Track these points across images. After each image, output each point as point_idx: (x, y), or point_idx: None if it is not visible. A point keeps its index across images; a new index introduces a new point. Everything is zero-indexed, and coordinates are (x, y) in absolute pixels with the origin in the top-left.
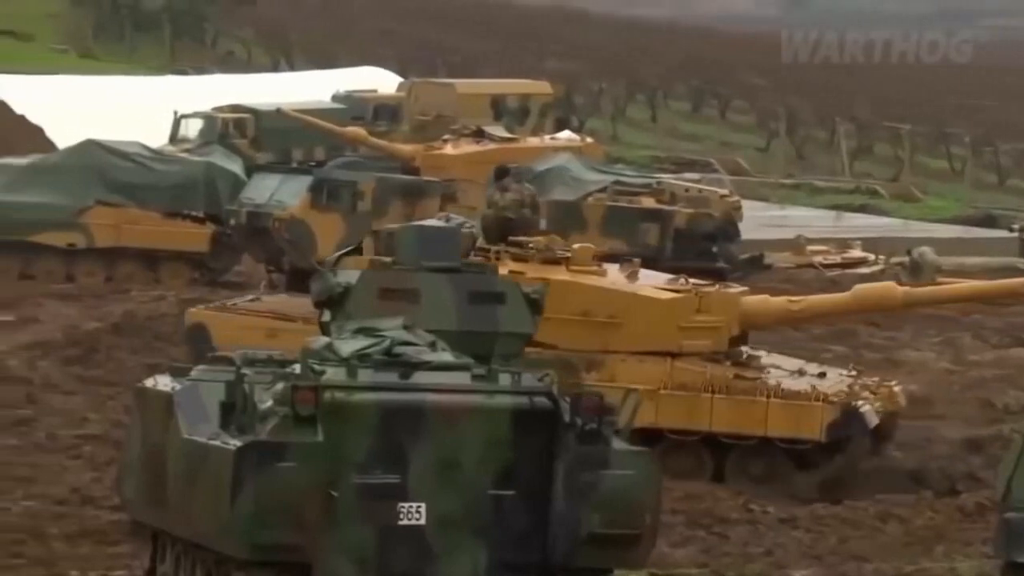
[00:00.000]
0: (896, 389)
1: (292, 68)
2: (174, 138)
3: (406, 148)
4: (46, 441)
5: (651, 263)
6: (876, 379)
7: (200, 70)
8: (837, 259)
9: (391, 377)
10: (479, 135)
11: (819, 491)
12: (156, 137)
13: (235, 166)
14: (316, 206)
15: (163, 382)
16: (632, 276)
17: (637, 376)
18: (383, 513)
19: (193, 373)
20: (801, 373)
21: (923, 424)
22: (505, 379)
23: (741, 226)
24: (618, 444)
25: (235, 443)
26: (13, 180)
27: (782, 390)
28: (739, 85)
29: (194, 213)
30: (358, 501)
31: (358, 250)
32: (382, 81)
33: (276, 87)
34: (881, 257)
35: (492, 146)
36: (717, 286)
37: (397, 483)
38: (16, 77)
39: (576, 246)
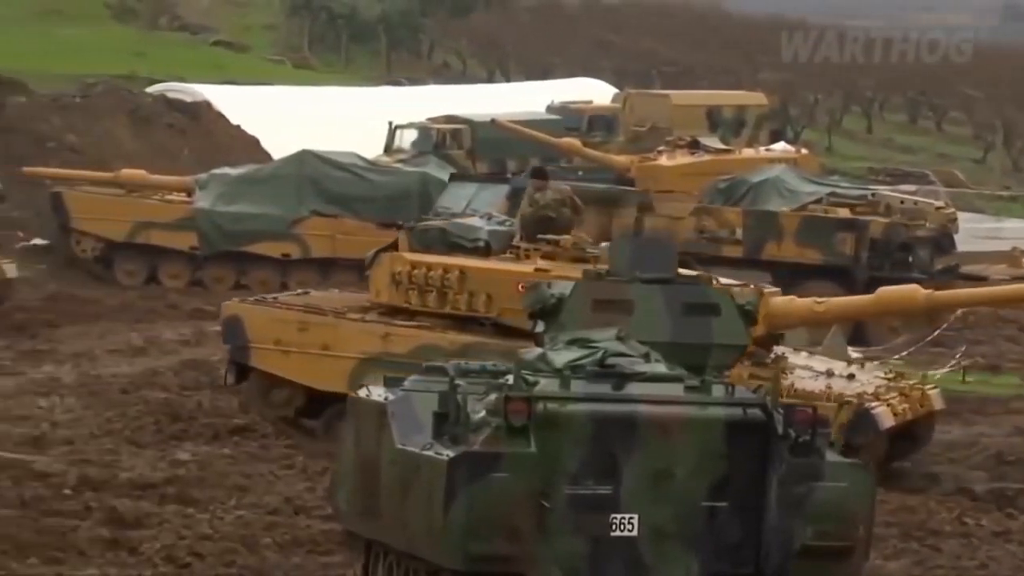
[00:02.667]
0: (931, 392)
1: (507, 79)
2: (389, 149)
3: (621, 159)
4: (259, 451)
5: (847, 273)
6: (912, 381)
7: (415, 81)
8: None
9: (604, 388)
10: (694, 146)
11: None
12: (371, 148)
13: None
14: (513, 214)
15: (376, 392)
16: None
17: None
18: (595, 524)
19: (406, 383)
20: (829, 374)
21: None
22: (718, 391)
23: (957, 238)
24: (832, 456)
25: (448, 453)
26: (229, 190)
27: (795, 390)
28: (955, 96)
29: (409, 224)
30: (570, 512)
31: (393, 246)
32: (597, 92)
33: (491, 98)
34: None
35: (707, 157)
36: (741, 286)
37: (609, 494)
38: (232, 88)
39: (603, 244)
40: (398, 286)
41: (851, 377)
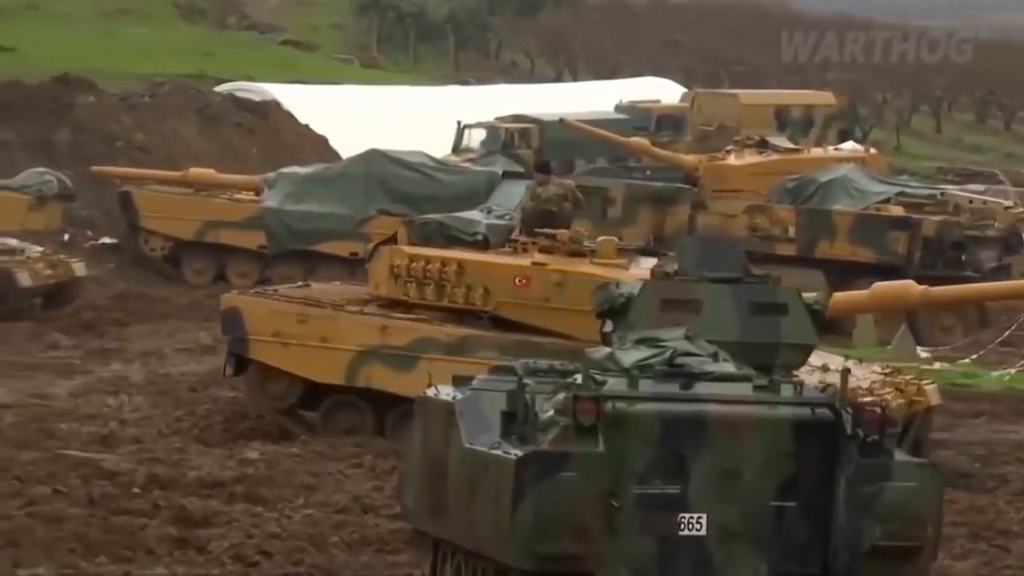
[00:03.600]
0: (928, 387)
1: (575, 78)
2: (457, 148)
3: (689, 158)
4: (327, 449)
5: (900, 271)
6: (908, 377)
7: (483, 80)
8: None
9: (672, 388)
10: (762, 146)
11: None
12: (439, 147)
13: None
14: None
15: (445, 391)
16: None
17: None
18: (664, 524)
19: (474, 382)
20: (824, 369)
21: None
22: (787, 390)
23: None
24: (900, 456)
25: (516, 453)
26: (297, 189)
27: None
28: None
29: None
30: (639, 512)
31: (393, 239)
32: (666, 91)
33: (559, 97)
34: None
35: (775, 157)
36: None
37: (678, 494)
38: (301, 87)
39: (600, 239)
40: (397, 279)
41: (847, 372)
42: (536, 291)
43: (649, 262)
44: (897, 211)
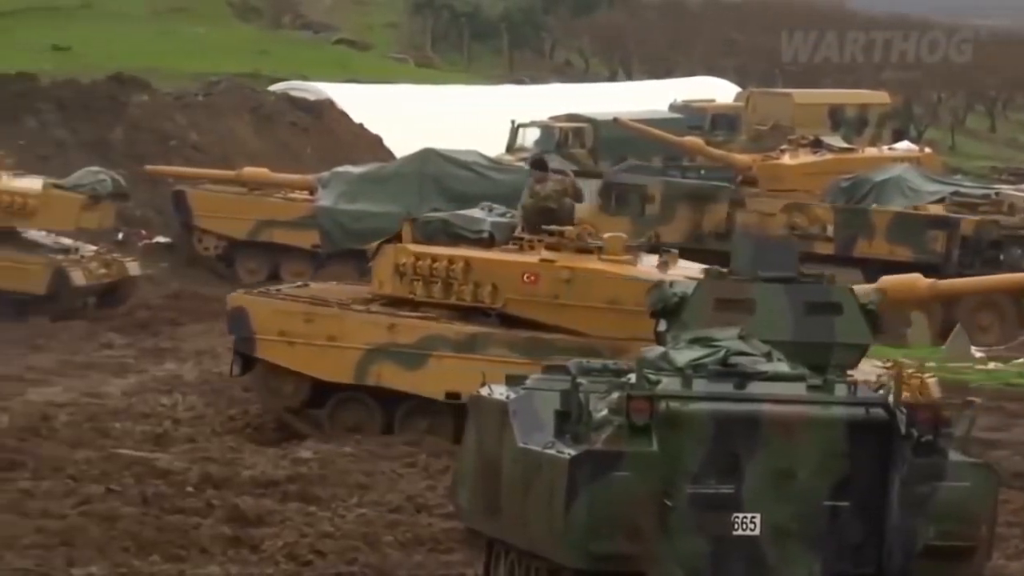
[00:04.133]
0: (929, 380)
1: (629, 77)
2: (511, 147)
3: (743, 158)
4: (381, 449)
5: (937, 270)
6: (910, 371)
7: (537, 79)
8: None
9: (726, 387)
10: (816, 145)
11: None
12: (493, 146)
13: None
14: (605, 209)
15: (498, 391)
16: (664, 266)
17: None
18: (717, 523)
19: (528, 382)
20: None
21: None
22: (841, 390)
23: None
24: (955, 455)
25: (569, 452)
26: (351, 188)
27: None
28: None
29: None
30: (692, 511)
31: (397, 237)
32: (720, 91)
33: (613, 97)
34: None
35: (830, 156)
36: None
37: (732, 493)
38: (355, 86)
39: (607, 235)
40: (402, 277)
41: None
42: (545, 288)
43: (653, 259)
44: (935, 210)
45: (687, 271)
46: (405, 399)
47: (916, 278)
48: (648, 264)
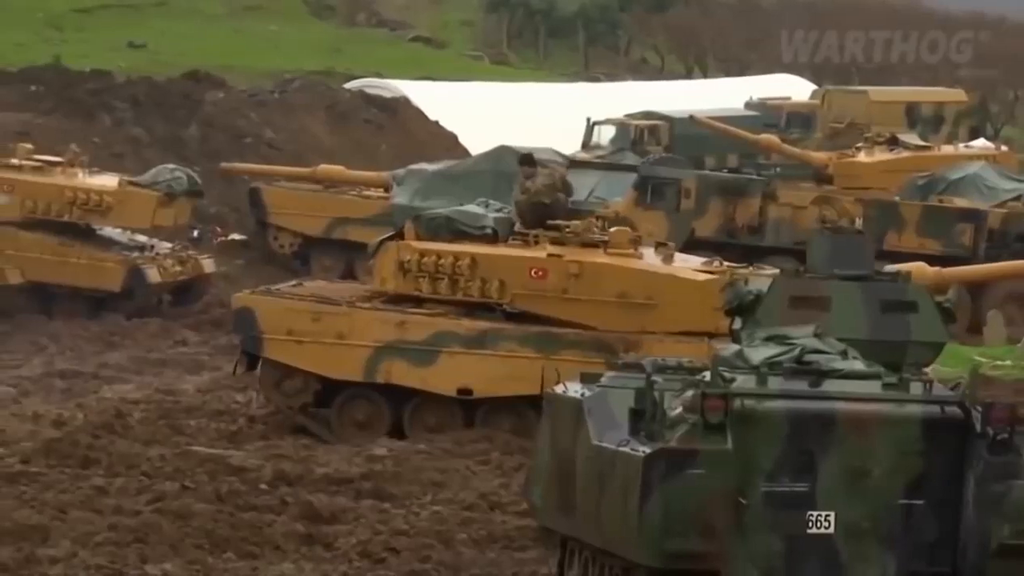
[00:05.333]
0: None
1: (705, 75)
2: (587, 145)
3: (819, 156)
4: (454, 447)
5: (966, 263)
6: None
7: (612, 77)
8: None
9: (801, 385)
10: (893, 143)
11: None
12: (569, 144)
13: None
14: (640, 203)
15: (573, 388)
16: (668, 259)
17: None
18: (792, 522)
19: (603, 380)
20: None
21: None
22: (916, 388)
23: None
24: None
25: (644, 450)
26: (426, 186)
27: None
28: None
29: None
30: (767, 509)
31: (400, 235)
32: (795, 88)
33: (688, 94)
34: None
35: (906, 154)
36: (751, 268)
37: (806, 491)
38: (431, 84)
39: (613, 229)
40: (406, 274)
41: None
42: (552, 282)
43: (656, 255)
44: (962, 203)
45: (688, 262)
46: (413, 396)
47: (921, 266)
48: (651, 257)
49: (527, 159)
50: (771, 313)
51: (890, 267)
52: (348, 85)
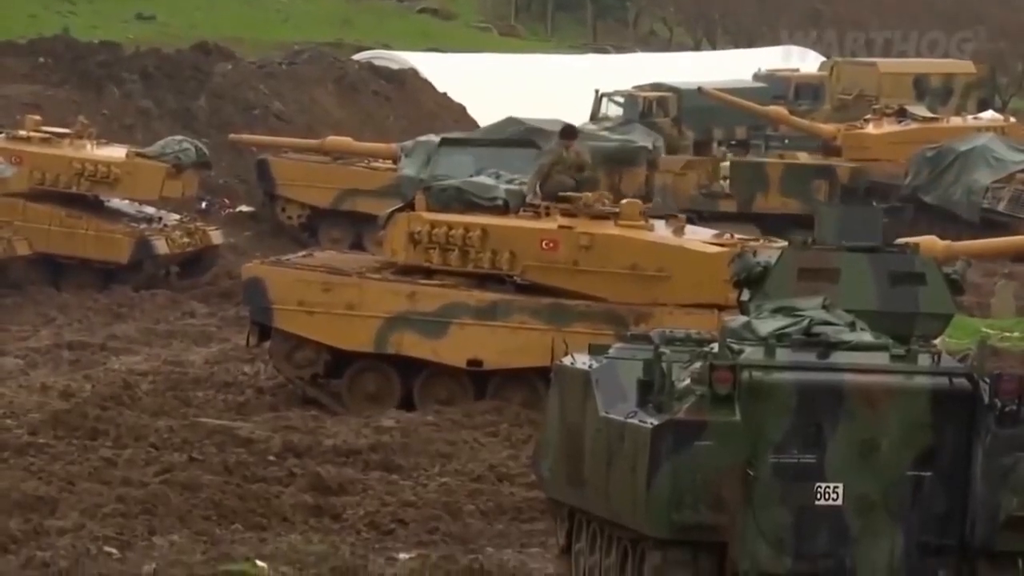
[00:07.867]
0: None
1: (713, 47)
2: (595, 116)
3: (827, 127)
4: (463, 418)
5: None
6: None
7: (621, 49)
8: None
9: (809, 357)
10: (901, 115)
11: None
12: (577, 115)
13: (653, 145)
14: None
15: (581, 360)
16: (678, 231)
17: None
18: (800, 493)
19: (611, 351)
20: None
21: None
22: (924, 360)
23: None
24: None
25: (652, 421)
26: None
27: None
28: None
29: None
30: (775, 481)
31: (410, 206)
32: (804, 60)
33: (697, 66)
34: None
35: (914, 126)
36: (762, 240)
37: (814, 463)
38: (439, 55)
39: (624, 201)
40: (416, 245)
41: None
42: (564, 254)
43: (667, 227)
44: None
45: (699, 235)
46: (424, 367)
47: (932, 240)
48: (662, 229)
49: (570, 131)
50: (779, 285)
51: (902, 240)
52: (357, 57)
